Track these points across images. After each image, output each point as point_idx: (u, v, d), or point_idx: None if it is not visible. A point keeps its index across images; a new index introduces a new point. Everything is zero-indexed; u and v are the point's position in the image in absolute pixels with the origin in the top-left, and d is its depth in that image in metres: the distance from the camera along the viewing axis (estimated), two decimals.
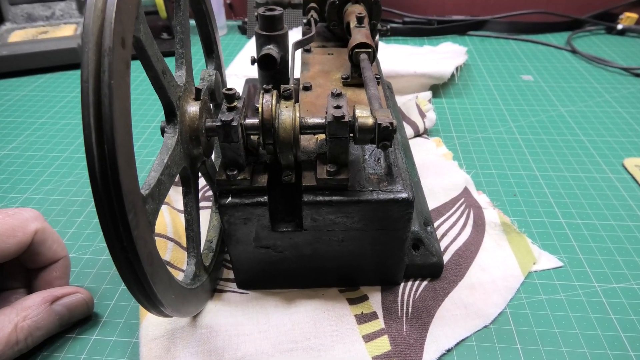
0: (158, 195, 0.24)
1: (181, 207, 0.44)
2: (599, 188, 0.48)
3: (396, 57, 0.69)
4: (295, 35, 0.78)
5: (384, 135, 0.28)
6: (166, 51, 0.78)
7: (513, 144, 0.56)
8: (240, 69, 0.71)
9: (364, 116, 0.29)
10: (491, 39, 0.87)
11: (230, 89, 0.30)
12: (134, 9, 0.21)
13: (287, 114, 0.29)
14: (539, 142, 0.56)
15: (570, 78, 0.72)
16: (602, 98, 0.66)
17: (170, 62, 0.32)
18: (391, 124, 0.28)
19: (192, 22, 0.41)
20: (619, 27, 0.88)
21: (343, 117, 0.29)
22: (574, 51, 0.80)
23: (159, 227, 0.39)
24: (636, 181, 0.49)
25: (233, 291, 0.36)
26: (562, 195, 0.47)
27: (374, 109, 0.30)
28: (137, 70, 0.71)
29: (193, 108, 0.29)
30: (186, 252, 0.32)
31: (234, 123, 0.29)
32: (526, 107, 0.64)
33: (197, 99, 0.30)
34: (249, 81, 0.58)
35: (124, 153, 0.19)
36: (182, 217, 0.43)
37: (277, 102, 0.30)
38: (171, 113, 0.28)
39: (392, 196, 0.31)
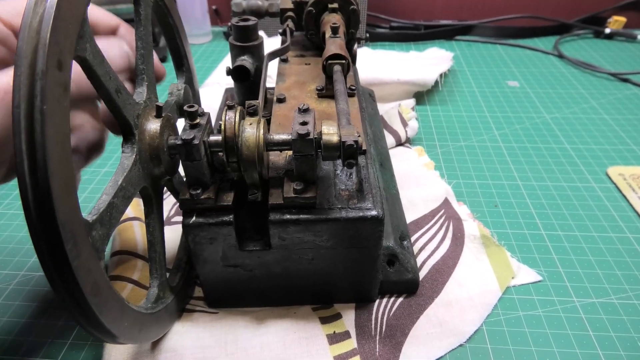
0: (109, 219, 0.23)
1: None
2: (582, 198, 0.47)
3: (380, 64, 0.68)
4: (278, 42, 0.77)
5: (349, 154, 0.27)
6: None
7: (496, 152, 0.55)
8: (223, 77, 0.70)
9: (329, 133, 0.28)
10: (478, 44, 0.87)
11: (192, 106, 0.29)
12: (76, 28, 0.20)
13: (251, 132, 0.28)
14: (523, 151, 0.55)
15: (556, 84, 0.71)
16: (587, 104, 0.65)
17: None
18: (356, 142, 0.27)
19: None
20: (607, 31, 0.87)
21: (308, 134, 0.28)
22: (560, 56, 0.80)
23: (128, 244, 0.38)
24: (619, 190, 0.48)
25: (203, 311, 0.35)
26: (543, 205, 0.46)
27: (341, 125, 0.29)
28: None
29: (153, 126, 0.28)
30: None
31: (196, 141, 0.28)
32: (511, 114, 0.63)
33: (158, 116, 0.29)
34: (228, 90, 0.57)
35: (59, 180, 0.18)
36: None
37: (242, 118, 0.29)
38: (128, 132, 0.27)
39: (361, 214, 0.30)
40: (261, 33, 0.83)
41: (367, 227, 0.30)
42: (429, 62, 0.71)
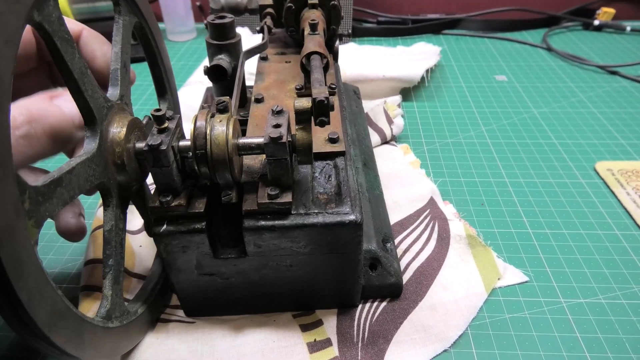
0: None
1: (133, 227, 0.42)
2: (569, 194, 0.46)
3: (365, 60, 0.67)
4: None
5: (321, 110, 0.27)
6: (133, 57, 0.75)
7: (483, 149, 0.54)
8: (205, 76, 0.68)
9: (301, 100, 0.27)
10: (466, 38, 0.85)
11: (159, 110, 0.27)
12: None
13: (221, 129, 0.27)
14: (510, 147, 0.54)
15: (544, 77, 0.70)
16: (576, 98, 0.64)
17: (136, 67, 0.31)
18: (327, 98, 0.27)
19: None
20: (596, 22, 0.86)
21: (281, 137, 0.27)
22: (549, 49, 0.79)
23: (101, 252, 0.37)
24: (607, 186, 0.47)
25: (179, 320, 0.34)
26: (531, 203, 0.45)
27: (313, 87, 0.28)
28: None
29: (117, 129, 0.27)
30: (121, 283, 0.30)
31: (163, 147, 0.26)
32: (499, 109, 0.62)
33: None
34: (209, 90, 0.56)
35: None
36: (133, 239, 0.41)
37: (211, 117, 0.28)
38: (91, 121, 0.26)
39: (338, 219, 0.29)
40: (245, 29, 0.82)
41: (345, 232, 0.29)
42: (415, 57, 0.70)
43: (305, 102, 0.27)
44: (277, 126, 0.28)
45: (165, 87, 0.39)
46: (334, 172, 0.33)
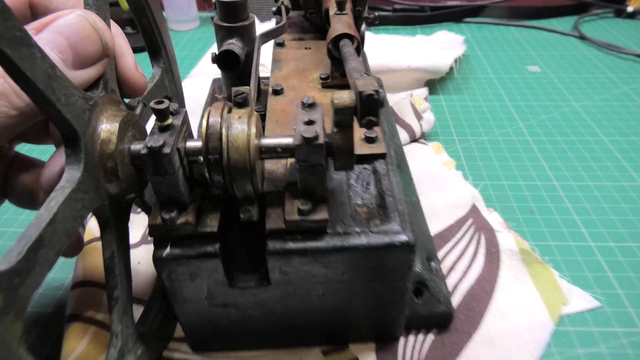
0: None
1: (130, 240, 0.37)
2: (630, 200, 0.40)
3: (386, 49, 0.61)
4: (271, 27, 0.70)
5: (369, 108, 0.20)
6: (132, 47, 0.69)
7: (524, 147, 0.48)
8: (210, 67, 0.63)
9: (342, 96, 0.21)
10: (490, 26, 0.79)
11: (160, 102, 0.22)
12: None
13: (240, 128, 0.21)
14: (554, 145, 0.48)
15: (581, 68, 0.64)
16: (619, 90, 0.58)
17: (138, 57, 0.25)
18: (376, 91, 0.20)
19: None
20: (629, 9, 0.80)
21: (316, 137, 0.21)
22: (582, 37, 0.73)
23: (92, 272, 0.31)
24: None
25: (186, 359, 0.28)
26: (587, 210, 0.40)
27: (356, 79, 0.22)
28: None
29: (107, 134, 0.21)
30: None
31: (166, 150, 0.20)
32: (535, 102, 0.56)
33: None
34: (216, 81, 0.50)
35: None
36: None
37: (228, 112, 0.22)
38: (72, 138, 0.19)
39: (387, 239, 0.23)
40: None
41: (395, 256, 0.23)
42: (439, 46, 0.64)
43: (347, 98, 0.21)
44: (310, 123, 0.22)
45: (157, 44, 0.31)
46: (372, 179, 0.27)
